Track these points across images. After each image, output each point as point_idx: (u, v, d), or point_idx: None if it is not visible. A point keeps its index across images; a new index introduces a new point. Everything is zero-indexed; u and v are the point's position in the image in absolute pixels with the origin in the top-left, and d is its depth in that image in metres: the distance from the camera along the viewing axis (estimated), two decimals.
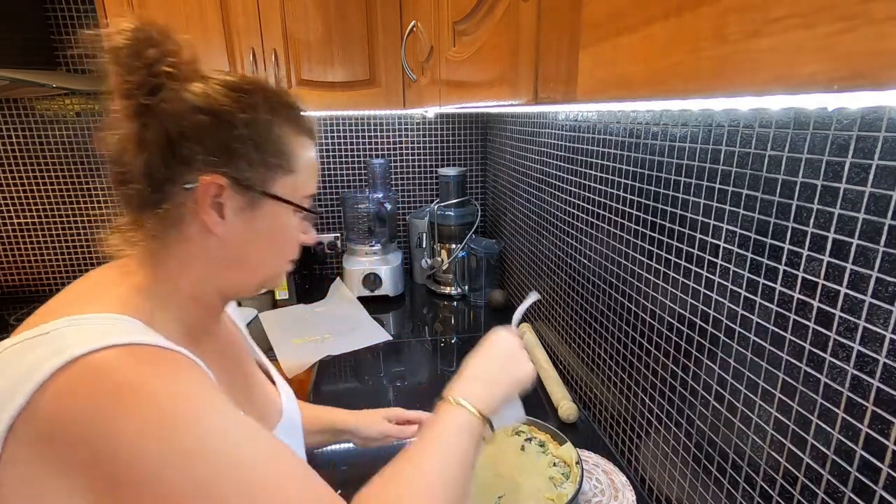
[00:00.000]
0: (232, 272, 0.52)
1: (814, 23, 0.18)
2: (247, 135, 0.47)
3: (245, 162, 0.48)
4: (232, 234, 0.49)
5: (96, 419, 0.36)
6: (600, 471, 0.83)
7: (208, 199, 0.47)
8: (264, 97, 0.49)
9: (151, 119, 0.46)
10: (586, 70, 0.36)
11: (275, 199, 0.50)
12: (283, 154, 0.50)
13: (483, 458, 0.81)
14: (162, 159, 0.46)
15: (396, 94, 1.41)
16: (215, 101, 0.47)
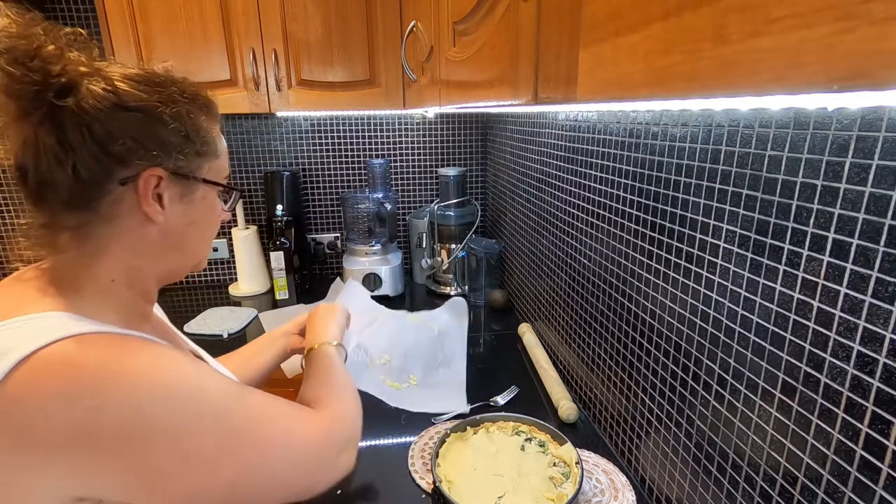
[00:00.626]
0: (169, 257, 0.55)
1: (814, 23, 0.18)
2: (176, 127, 0.50)
3: (178, 152, 0.51)
4: (171, 221, 0.52)
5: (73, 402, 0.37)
6: (600, 471, 0.83)
7: (150, 192, 0.49)
8: (179, 89, 0.52)
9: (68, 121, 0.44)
10: (586, 70, 0.36)
11: (207, 184, 0.55)
12: (207, 141, 0.54)
13: (483, 457, 0.81)
14: (94, 159, 0.45)
15: (396, 94, 1.41)
16: (138, 98, 0.47)
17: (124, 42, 1.26)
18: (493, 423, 0.88)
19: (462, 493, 0.74)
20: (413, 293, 1.68)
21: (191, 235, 0.56)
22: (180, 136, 0.51)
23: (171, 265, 0.56)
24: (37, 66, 0.42)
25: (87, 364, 0.39)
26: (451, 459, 0.80)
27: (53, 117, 0.44)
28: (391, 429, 0.94)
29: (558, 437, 0.83)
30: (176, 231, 0.53)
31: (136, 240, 0.51)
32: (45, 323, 0.41)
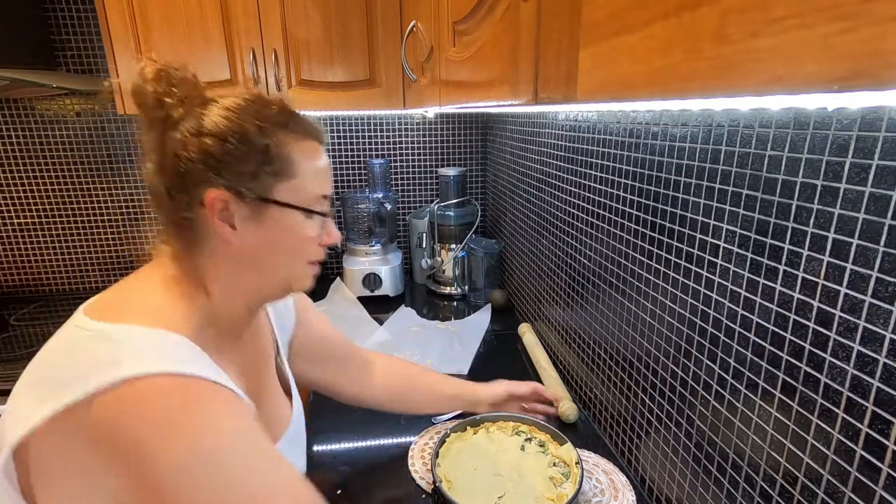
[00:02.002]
0: (253, 278, 0.56)
1: (814, 23, 0.18)
2: (239, 149, 0.51)
3: (241, 174, 0.51)
4: (245, 242, 0.53)
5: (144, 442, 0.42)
6: (600, 471, 0.83)
7: (216, 213, 0.51)
8: (255, 111, 0.53)
9: (167, 147, 0.51)
10: (586, 70, 0.36)
11: (277, 205, 0.54)
12: (280, 161, 0.53)
13: (483, 457, 0.81)
14: (179, 181, 0.51)
15: (396, 94, 1.41)
16: (211, 123, 0.51)
17: (124, 42, 1.26)
18: (493, 422, 0.88)
19: (462, 492, 0.74)
20: (413, 293, 1.68)
21: (267, 257, 0.56)
22: (243, 158, 0.51)
23: (254, 286, 0.57)
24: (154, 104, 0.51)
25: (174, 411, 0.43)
26: (451, 459, 0.80)
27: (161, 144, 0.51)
28: (391, 429, 0.94)
29: (558, 437, 0.83)
30: (251, 251, 0.54)
31: (221, 260, 0.54)
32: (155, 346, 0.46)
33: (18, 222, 1.64)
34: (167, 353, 0.46)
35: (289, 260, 0.58)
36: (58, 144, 1.59)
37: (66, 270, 1.70)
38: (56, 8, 1.48)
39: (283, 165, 0.54)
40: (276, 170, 0.53)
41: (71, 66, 1.53)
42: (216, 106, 0.53)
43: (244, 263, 0.55)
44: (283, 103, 0.56)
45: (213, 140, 0.50)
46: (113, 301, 0.52)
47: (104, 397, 0.42)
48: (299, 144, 0.55)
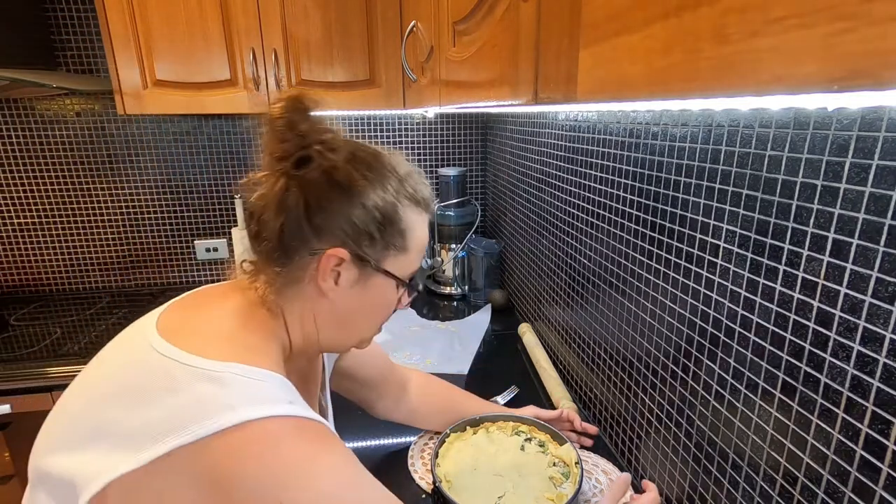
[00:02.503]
0: (334, 331, 0.57)
1: (814, 23, 0.18)
2: (374, 216, 0.51)
3: (368, 239, 0.52)
4: (342, 299, 0.54)
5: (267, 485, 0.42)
6: (599, 471, 0.83)
7: (329, 268, 0.51)
8: (397, 179, 0.54)
9: (295, 187, 0.50)
10: (586, 70, 0.36)
11: (385, 275, 0.54)
12: (401, 234, 0.54)
13: (483, 457, 0.81)
14: (297, 225, 0.50)
15: (396, 94, 1.41)
16: (351, 178, 0.51)
17: (124, 42, 1.26)
18: (493, 422, 0.88)
19: (462, 492, 0.74)
20: None
21: (357, 317, 0.57)
22: (374, 225, 0.52)
23: (335, 338, 0.58)
24: (292, 137, 0.50)
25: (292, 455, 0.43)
26: (451, 459, 0.80)
27: (288, 180, 0.50)
28: (391, 428, 0.94)
29: (558, 437, 0.83)
30: (344, 309, 0.55)
31: (311, 306, 0.54)
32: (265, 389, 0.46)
33: (18, 222, 1.64)
34: (276, 396, 0.46)
35: (372, 324, 0.60)
36: (58, 144, 1.59)
37: (66, 270, 1.70)
38: (56, 8, 1.48)
39: (401, 238, 0.54)
40: (396, 243, 0.54)
41: (71, 66, 1.53)
42: (354, 159, 0.52)
43: (331, 317, 0.55)
44: (413, 171, 0.57)
45: (350, 198, 0.51)
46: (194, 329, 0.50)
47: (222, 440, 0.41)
48: (417, 217, 0.56)
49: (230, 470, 0.42)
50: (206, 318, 0.52)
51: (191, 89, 1.33)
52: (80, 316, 1.51)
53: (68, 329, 1.41)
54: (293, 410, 0.45)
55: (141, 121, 1.61)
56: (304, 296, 0.54)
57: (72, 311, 1.54)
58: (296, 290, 0.53)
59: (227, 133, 1.66)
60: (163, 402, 0.43)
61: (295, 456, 0.44)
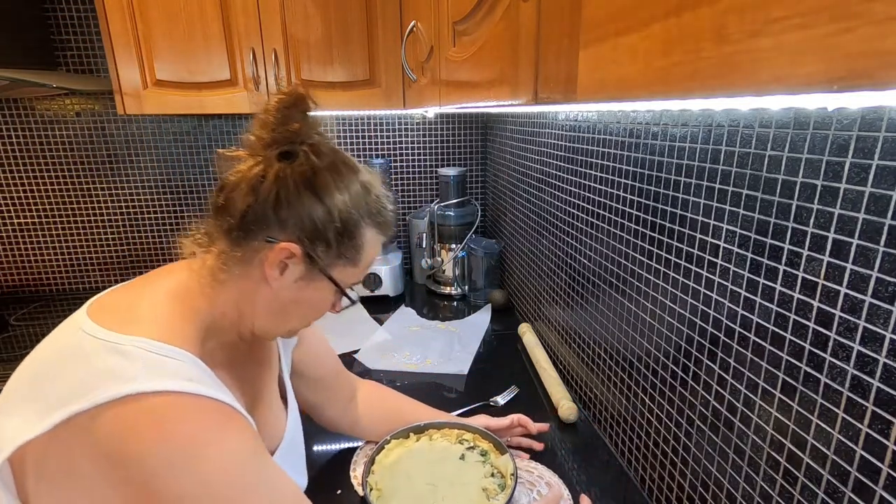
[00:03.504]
0: (269, 318, 0.58)
1: (814, 23, 0.18)
2: (335, 226, 0.54)
3: (323, 244, 0.54)
4: (283, 291, 0.56)
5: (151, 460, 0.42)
6: (543, 483, 0.80)
7: (278, 259, 0.53)
8: (367, 198, 0.57)
9: (272, 176, 0.52)
10: (586, 70, 0.36)
11: (329, 281, 0.57)
12: (356, 248, 0.57)
13: (421, 465, 0.78)
14: (262, 212, 0.52)
15: (396, 94, 1.41)
16: (326, 188, 0.53)
17: (124, 42, 1.26)
18: (439, 430, 0.85)
19: (389, 501, 0.71)
20: (413, 293, 1.68)
21: (291, 311, 0.59)
22: (334, 234, 0.54)
23: (266, 326, 0.59)
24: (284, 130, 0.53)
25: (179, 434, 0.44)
26: (388, 467, 0.78)
27: (267, 168, 0.53)
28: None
29: (500, 446, 0.80)
30: (282, 301, 0.57)
31: (250, 289, 0.56)
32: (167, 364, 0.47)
33: (18, 222, 1.64)
34: (178, 371, 0.46)
35: (303, 319, 0.61)
36: (58, 144, 1.59)
37: (66, 270, 1.70)
38: (56, 8, 1.48)
39: (354, 253, 0.57)
40: (349, 255, 0.57)
41: (71, 66, 1.53)
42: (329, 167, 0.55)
43: (268, 305, 0.57)
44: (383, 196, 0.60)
45: (320, 205, 0.53)
46: (121, 307, 0.52)
47: (114, 410, 0.42)
48: (375, 238, 0.59)
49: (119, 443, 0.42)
50: (136, 296, 0.54)
51: (191, 89, 1.33)
52: None
53: None
54: (191, 388, 0.46)
55: (141, 121, 1.61)
56: (248, 277, 0.55)
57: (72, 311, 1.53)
58: (243, 270, 0.55)
59: (227, 133, 1.66)
60: (73, 373, 0.45)
61: (182, 436, 0.44)
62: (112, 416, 0.42)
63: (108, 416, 0.42)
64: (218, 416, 0.47)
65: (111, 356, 0.45)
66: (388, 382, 1.12)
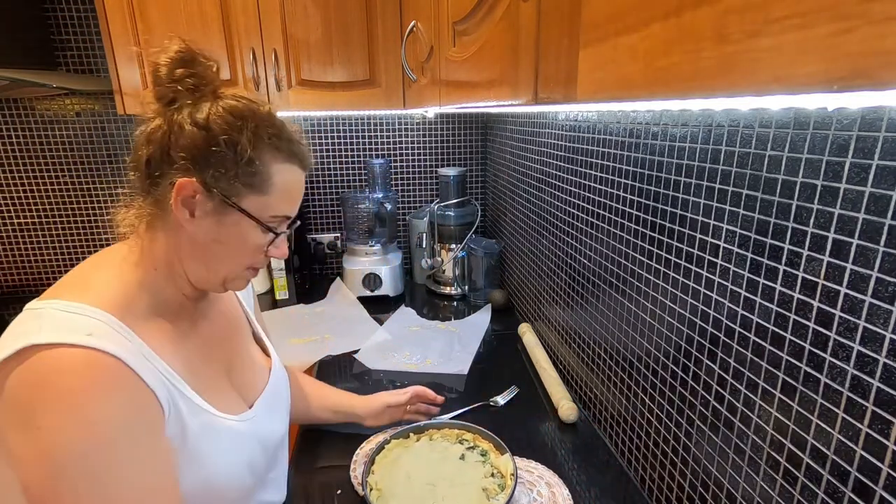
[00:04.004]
0: (196, 265, 0.59)
1: (814, 23, 0.18)
2: (225, 152, 0.54)
3: (219, 173, 0.55)
4: (199, 232, 0.56)
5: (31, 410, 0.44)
6: (543, 483, 0.80)
7: (181, 197, 0.54)
8: (254, 124, 0.56)
9: (163, 123, 0.55)
10: (586, 70, 0.36)
11: (240, 212, 0.57)
12: (258, 175, 0.57)
13: (421, 465, 0.78)
14: (159, 156, 0.55)
15: (396, 94, 1.41)
16: (210, 120, 0.54)
17: (124, 42, 1.26)
18: (439, 430, 0.86)
19: (389, 501, 0.71)
20: (413, 293, 1.68)
21: (215, 252, 0.59)
22: (226, 160, 0.54)
23: (198, 273, 0.60)
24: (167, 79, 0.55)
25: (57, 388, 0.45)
26: (387, 467, 0.78)
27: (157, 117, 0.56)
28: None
29: (501, 446, 0.81)
30: (202, 243, 0.57)
31: (173, 239, 0.58)
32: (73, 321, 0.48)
33: (18, 222, 1.64)
34: (80, 327, 0.48)
35: (232, 261, 0.60)
36: (58, 144, 1.59)
37: (66, 270, 1.69)
38: (56, 8, 1.48)
39: (259, 180, 0.57)
40: (251, 182, 0.56)
41: (71, 66, 1.53)
42: (221, 104, 0.56)
43: (191, 250, 0.58)
44: (284, 126, 0.60)
45: (206, 136, 0.54)
46: (59, 282, 0.56)
47: (11, 363, 0.45)
48: (282, 166, 0.59)
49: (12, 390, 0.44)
50: (75, 270, 0.59)
51: None
52: None
53: None
54: (88, 341, 0.47)
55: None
56: (167, 227, 0.57)
57: None
58: (162, 222, 0.57)
59: None
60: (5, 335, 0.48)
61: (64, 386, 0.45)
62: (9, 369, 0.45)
63: (6, 369, 0.45)
64: (107, 375, 0.47)
65: (29, 320, 0.48)
66: (388, 382, 1.12)
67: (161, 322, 0.58)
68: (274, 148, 0.58)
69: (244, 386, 0.68)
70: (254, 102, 0.58)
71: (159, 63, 0.55)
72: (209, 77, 0.57)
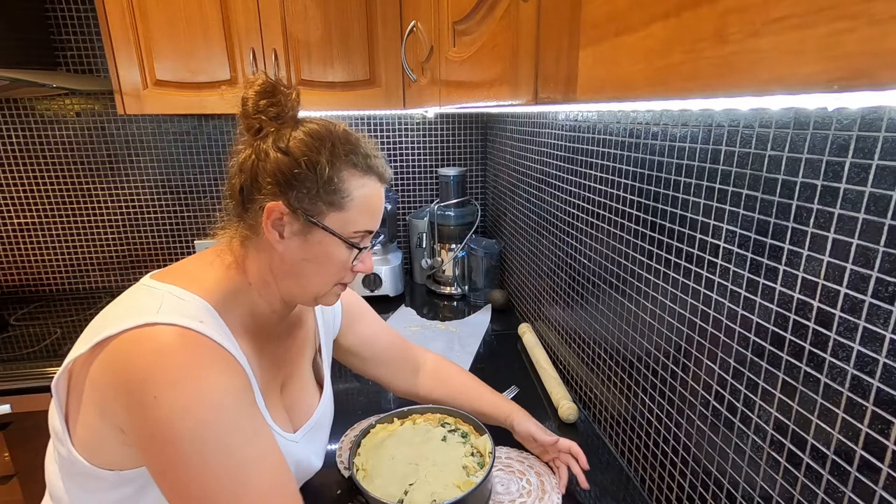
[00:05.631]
0: (288, 283, 0.63)
1: (814, 23, 0.18)
2: (306, 173, 0.57)
3: (301, 194, 0.58)
4: (288, 252, 0.60)
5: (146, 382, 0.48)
6: (533, 472, 0.83)
7: (271, 220, 0.58)
8: (331, 143, 0.59)
9: (252, 153, 0.59)
10: (586, 70, 0.36)
11: (323, 230, 0.60)
12: (338, 193, 0.59)
13: (404, 447, 0.81)
14: (250, 183, 0.59)
15: (396, 94, 1.41)
16: (292, 144, 0.58)
17: (124, 42, 1.26)
18: (421, 414, 0.88)
19: (374, 480, 0.74)
20: (413, 293, 1.68)
21: (305, 270, 0.62)
22: (308, 181, 0.58)
23: (290, 290, 0.63)
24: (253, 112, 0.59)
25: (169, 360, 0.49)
26: (372, 449, 0.81)
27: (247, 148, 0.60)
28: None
29: (479, 428, 0.83)
30: (292, 262, 0.61)
31: (266, 257, 0.61)
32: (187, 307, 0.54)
33: (18, 222, 1.64)
34: (190, 313, 0.53)
35: (321, 278, 0.63)
36: (58, 144, 1.59)
37: (66, 270, 1.70)
38: (56, 8, 1.48)
39: (339, 198, 0.59)
40: (332, 200, 0.59)
41: (71, 66, 1.53)
42: (301, 128, 0.59)
43: (283, 268, 0.61)
44: (359, 140, 0.62)
45: (288, 160, 0.57)
46: (173, 268, 0.62)
47: (130, 333, 0.50)
48: (360, 181, 0.61)
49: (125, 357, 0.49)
50: (187, 262, 0.64)
51: (191, 89, 1.33)
52: (80, 316, 1.51)
53: (68, 329, 1.41)
54: (198, 327, 0.52)
55: (141, 121, 1.61)
56: (260, 247, 0.61)
57: (72, 311, 1.54)
58: (255, 242, 0.61)
59: (227, 133, 1.66)
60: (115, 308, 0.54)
61: (176, 360, 0.49)
62: (127, 338, 0.50)
63: (124, 339, 0.50)
64: (213, 355, 0.52)
65: (145, 296, 0.55)
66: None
67: (248, 331, 0.62)
68: (351, 164, 0.60)
69: (292, 408, 0.70)
70: (331, 123, 0.61)
71: (247, 97, 0.59)
72: (290, 104, 0.60)
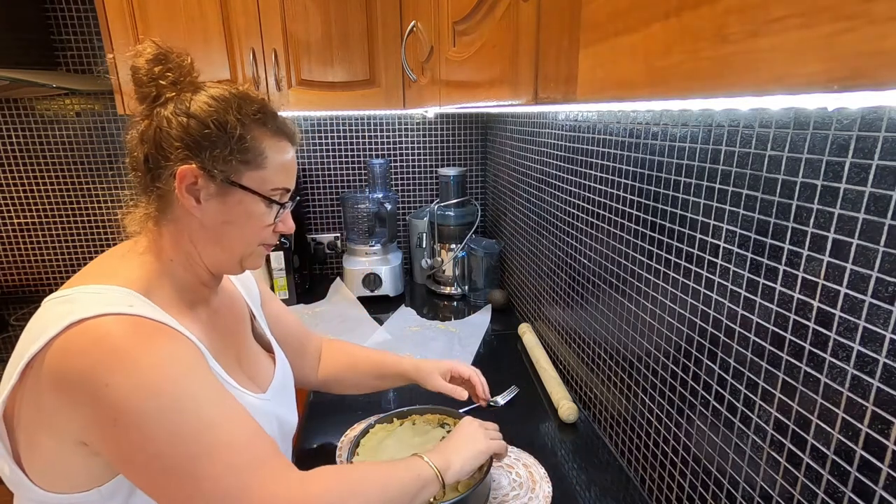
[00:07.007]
0: (211, 249, 0.61)
1: (814, 23, 0.18)
2: (216, 133, 0.56)
3: (214, 155, 0.56)
4: (207, 216, 0.59)
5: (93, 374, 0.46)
6: (521, 465, 0.84)
7: (185, 185, 0.56)
8: (238, 104, 0.58)
9: (152, 120, 0.57)
10: (586, 70, 0.36)
11: (241, 189, 0.59)
12: (251, 151, 0.58)
13: (404, 447, 0.81)
14: (156, 151, 0.57)
15: (396, 94, 1.41)
16: (196, 107, 0.57)
17: (124, 42, 1.26)
18: (421, 415, 0.88)
19: None
20: (413, 293, 1.68)
21: (227, 233, 0.61)
22: (219, 142, 0.56)
23: (215, 257, 0.62)
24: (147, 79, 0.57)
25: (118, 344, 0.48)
26: (371, 448, 0.81)
27: (146, 117, 0.58)
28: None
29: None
30: (212, 226, 0.59)
31: (184, 228, 0.60)
32: (109, 297, 0.52)
33: (18, 222, 1.64)
34: (116, 301, 0.51)
35: (244, 239, 0.62)
36: (58, 144, 1.59)
37: (66, 270, 1.70)
38: (56, 8, 1.48)
39: (253, 156, 0.59)
40: (246, 159, 0.58)
41: (71, 66, 1.53)
42: (204, 93, 0.58)
43: (204, 235, 0.60)
44: (265, 102, 0.62)
45: (195, 122, 0.56)
46: (76, 276, 0.58)
47: (59, 340, 0.47)
48: (272, 141, 0.61)
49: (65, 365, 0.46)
50: (93, 263, 0.60)
51: None
52: None
53: None
54: (129, 310, 0.50)
55: None
56: (176, 218, 0.59)
57: None
58: (169, 215, 0.59)
59: None
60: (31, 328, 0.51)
61: (121, 345, 0.48)
62: (58, 345, 0.47)
63: (54, 347, 0.47)
64: (153, 331, 0.51)
65: (60, 305, 0.51)
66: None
67: (184, 306, 0.60)
68: (261, 123, 0.60)
69: (254, 376, 0.70)
70: (232, 84, 0.61)
71: (138, 66, 0.57)
72: (186, 69, 0.58)
